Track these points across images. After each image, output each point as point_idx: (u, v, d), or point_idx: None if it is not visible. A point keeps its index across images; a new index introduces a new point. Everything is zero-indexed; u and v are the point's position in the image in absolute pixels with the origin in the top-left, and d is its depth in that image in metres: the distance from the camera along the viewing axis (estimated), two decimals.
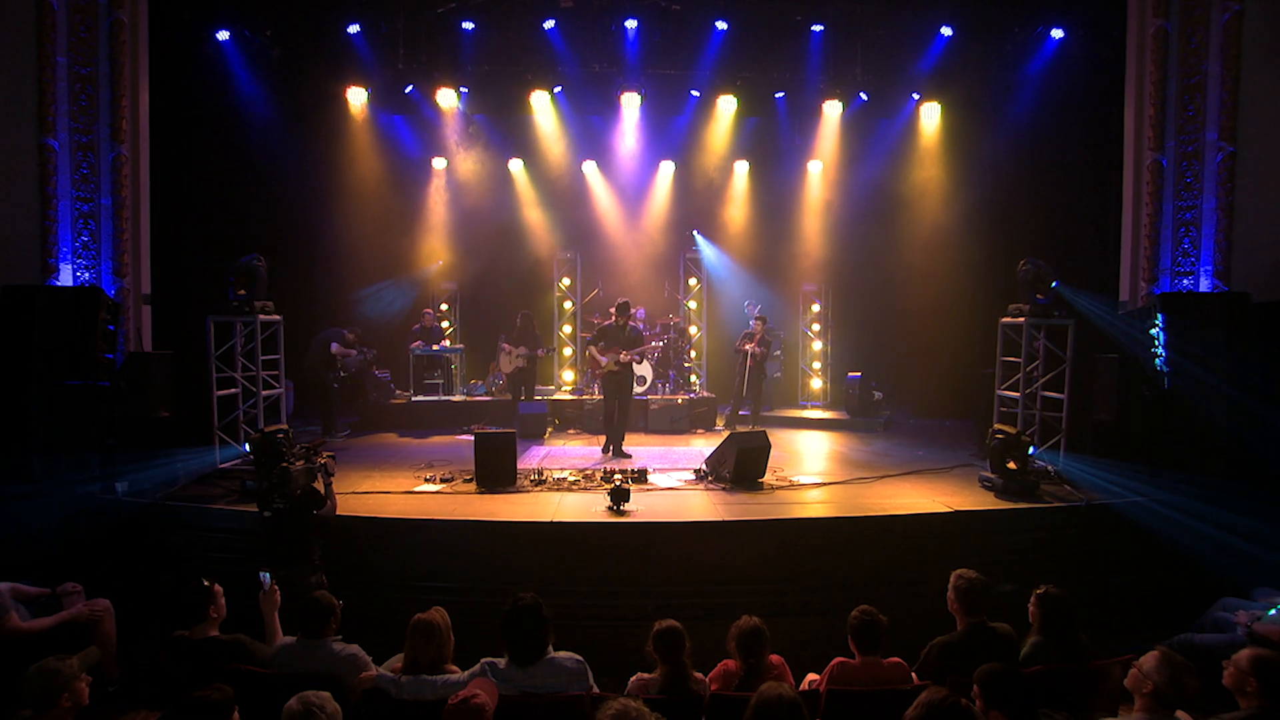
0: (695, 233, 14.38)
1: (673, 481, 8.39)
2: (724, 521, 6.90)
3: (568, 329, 14.98)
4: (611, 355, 9.66)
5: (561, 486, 8.11)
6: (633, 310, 9.87)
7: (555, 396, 12.89)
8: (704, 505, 7.45)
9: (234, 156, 10.75)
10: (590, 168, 14.17)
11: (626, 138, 13.35)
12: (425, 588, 6.55)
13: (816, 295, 14.69)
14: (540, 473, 8.37)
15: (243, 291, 8.35)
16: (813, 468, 9.24)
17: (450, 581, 6.58)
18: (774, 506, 7.46)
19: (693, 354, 14.12)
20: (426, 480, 8.31)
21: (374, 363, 11.92)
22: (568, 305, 15.04)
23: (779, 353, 13.33)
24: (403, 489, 7.96)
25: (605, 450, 9.81)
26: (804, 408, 14.05)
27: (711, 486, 8.17)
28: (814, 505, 7.49)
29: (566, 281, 15.04)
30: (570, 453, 10.24)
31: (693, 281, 15.06)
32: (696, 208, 14.39)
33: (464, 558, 6.71)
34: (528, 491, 7.93)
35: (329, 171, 12.40)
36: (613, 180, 14.24)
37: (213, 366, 8.31)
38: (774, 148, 13.69)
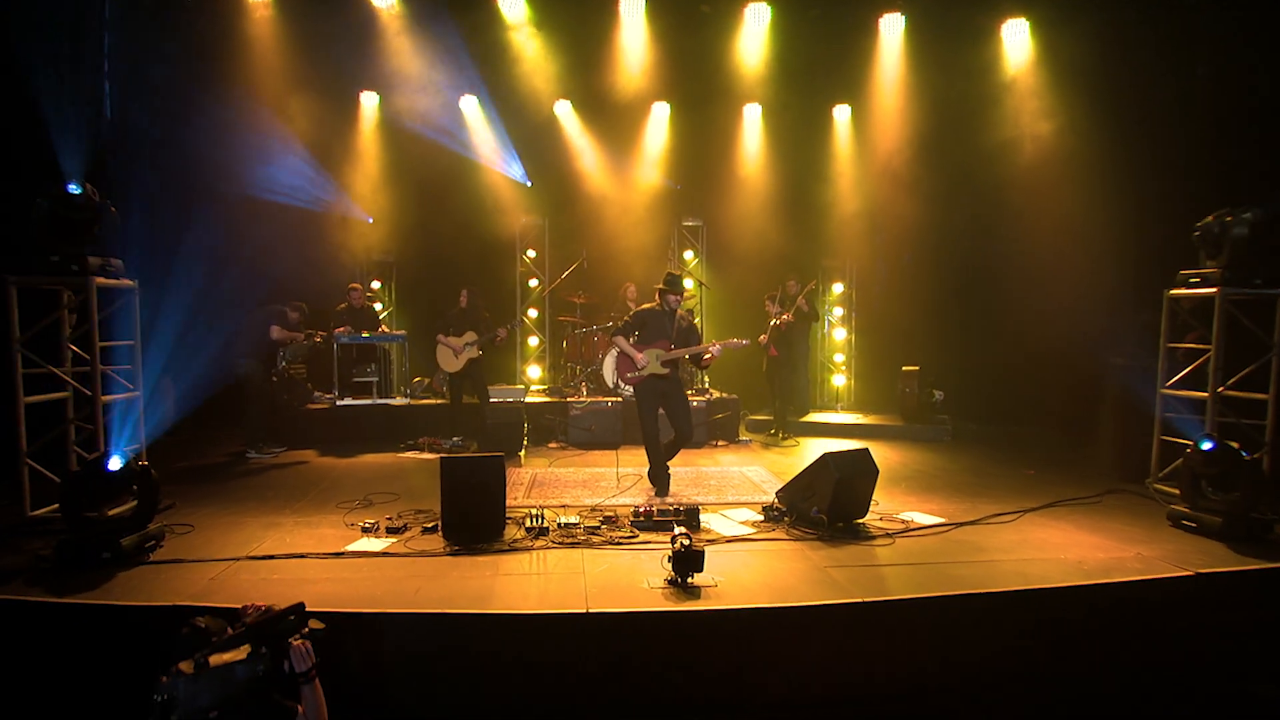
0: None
1: (736, 526, 5.95)
2: (860, 604, 4.42)
3: (534, 313, 12.32)
4: (655, 351, 6.94)
5: (574, 537, 5.56)
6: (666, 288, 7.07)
7: (526, 399, 10.21)
8: (806, 570, 4.99)
9: (61, 48, 7.64)
10: (565, 108, 11.53)
11: (615, 65, 10.76)
12: None
13: (839, 272, 12.42)
14: (539, 516, 5.77)
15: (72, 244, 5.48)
16: (910, 498, 6.89)
17: None
18: (910, 571, 5.03)
19: None
20: (365, 531, 5.65)
21: (319, 350, 9.09)
22: (533, 283, 12.40)
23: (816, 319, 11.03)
24: (329, 548, 5.28)
25: (655, 484, 7.10)
26: (833, 410, 11.77)
27: (803, 533, 5.76)
28: (970, 565, 5.10)
29: (532, 254, 12.40)
30: (564, 478, 7.64)
31: (689, 255, 12.60)
32: (696, 161, 11.93)
33: (444, 683, 4.09)
34: (524, 549, 5.33)
35: (219, 94, 9.40)
36: (594, 125, 11.65)
37: (18, 358, 5.43)
38: (794, 88, 11.24)
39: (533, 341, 12.35)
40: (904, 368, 10.34)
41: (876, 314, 12.04)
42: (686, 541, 4.72)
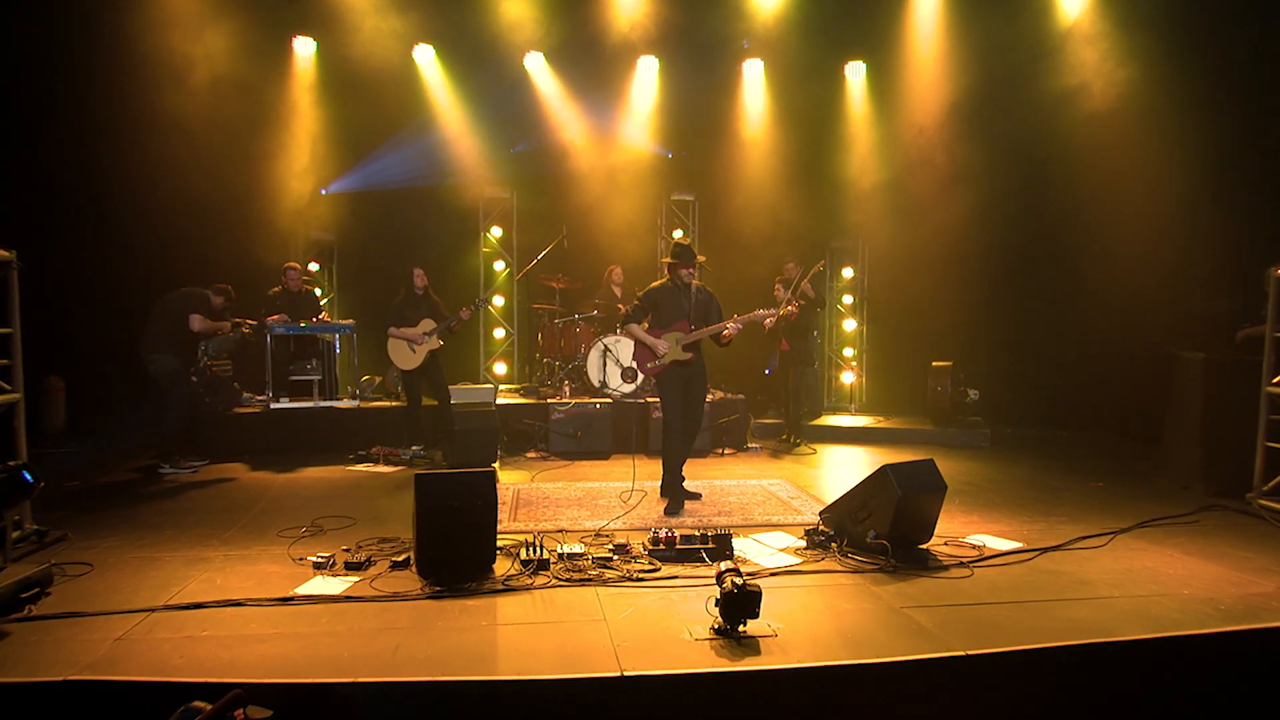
0: None
1: (776, 554, 5.36)
2: (966, 659, 3.80)
3: (500, 300, 11.55)
4: (675, 335, 6.49)
5: (583, 572, 4.88)
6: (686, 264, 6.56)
7: (497, 400, 9.48)
8: (880, 612, 4.38)
9: None
10: (536, 62, 10.80)
11: (595, 11, 10.14)
12: None
13: (849, 255, 11.90)
14: (535, 545, 5.06)
15: None
16: (971, 517, 6.37)
17: None
18: (1008, 612, 4.43)
19: None
20: (318, 567, 4.89)
21: (248, 343, 8.29)
22: (499, 266, 11.64)
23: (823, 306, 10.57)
24: (273, 592, 4.51)
25: (669, 495, 6.60)
26: (845, 411, 11.23)
27: (860, 563, 5.15)
28: (1079, 603, 4.51)
29: (498, 232, 11.63)
30: (553, 495, 6.95)
31: (678, 234, 11.96)
32: (688, 126, 11.32)
33: None
34: (523, 588, 4.64)
35: (124, 38, 8.53)
36: (571, 82, 10.93)
37: None
38: (805, 41, 10.64)
39: (499, 333, 11.60)
40: (934, 364, 9.84)
41: (892, 302, 11.50)
42: (739, 580, 4.06)
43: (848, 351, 11.95)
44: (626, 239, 11.00)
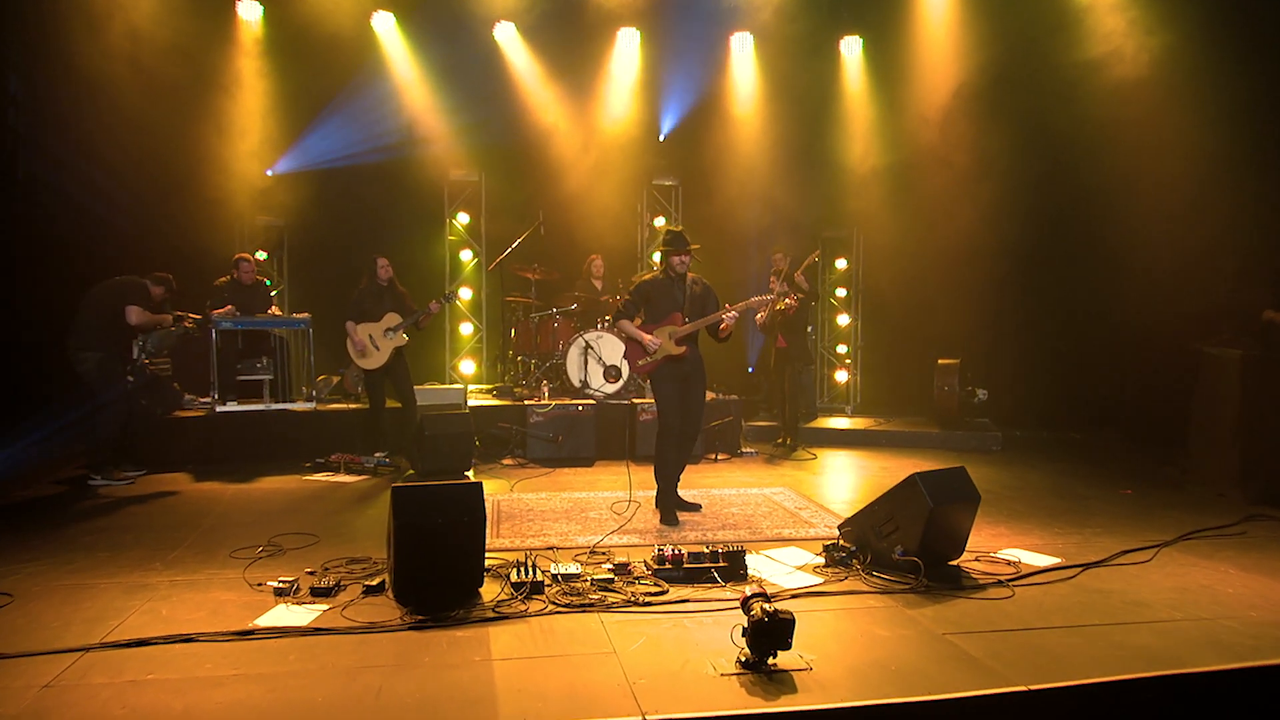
0: None
1: (793, 572, 5.13)
2: (1029, 694, 3.54)
3: (467, 293, 11.16)
4: (668, 329, 6.25)
5: (582, 595, 4.57)
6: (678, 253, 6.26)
7: (469, 402, 9.13)
8: (919, 639, 4.12)
9: None
10: (507, 32, 10.45)
11: None
12: None
13: (844, 246, 11.73)
14: (527, 566, 4.72)
15: None
16: (999, 529, 6.18)
17: None
18: (1063, 637, 4.18)
19: None
20: (280, 594, 4.51)
21: (191, 339, 7.89)
22: (466, 256, 11.26)
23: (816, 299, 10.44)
24: (229, 624, 4.15)
25: (662, 508, 6.34)
26: (841, 413, 11.04)
27: (888, 583, 4.90)
28: (1137, 627, 4.28)
29: (465, 218, 11.25)
30: (537, 507, 6.64)
31: (660, 222, 11.69)
32: (672, 105, 11.06)
33: None
34: (518, 616, 4.32)
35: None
36: (544, 55, 10.60)
37: None
38: (798, 12, 10.44)
39: (466, 329, 11.21)
40: (940, 361, 9.68)
41: (890, 296, 11.30)
42: (768, 606, 3.75)
43: (841, 348, 11.76)
44: (612, 227, 10.76)
